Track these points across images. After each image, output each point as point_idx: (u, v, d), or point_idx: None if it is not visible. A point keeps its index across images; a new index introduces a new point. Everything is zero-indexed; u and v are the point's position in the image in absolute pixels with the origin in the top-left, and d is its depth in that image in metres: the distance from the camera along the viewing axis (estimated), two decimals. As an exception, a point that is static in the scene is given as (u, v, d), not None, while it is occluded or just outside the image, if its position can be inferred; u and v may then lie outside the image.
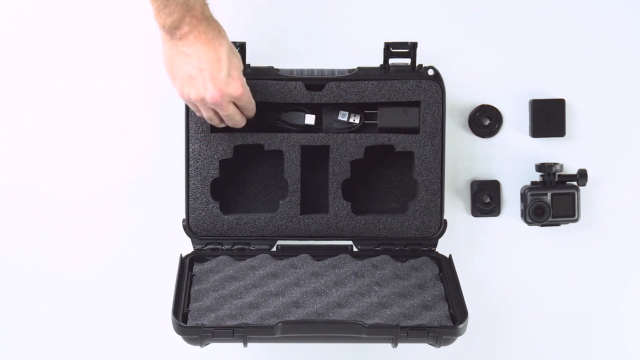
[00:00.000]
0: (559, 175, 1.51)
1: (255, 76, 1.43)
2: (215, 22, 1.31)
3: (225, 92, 1.31)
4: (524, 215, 1.51)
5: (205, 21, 1.29)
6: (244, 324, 1.28)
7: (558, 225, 1.52)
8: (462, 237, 1.53)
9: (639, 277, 1.56)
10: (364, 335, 1.26)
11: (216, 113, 1.36)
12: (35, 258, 1.53)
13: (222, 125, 1.39)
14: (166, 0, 1.26)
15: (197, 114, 1.38)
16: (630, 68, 1.52)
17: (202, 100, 1.32)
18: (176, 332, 1.27)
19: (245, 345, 1.27)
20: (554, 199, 1.50)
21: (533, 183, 1.52)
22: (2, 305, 1.54)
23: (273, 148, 1.44)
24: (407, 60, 1.44)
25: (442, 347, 1.29)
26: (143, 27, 1.49)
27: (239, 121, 1.38)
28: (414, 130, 1.44)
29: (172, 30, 1.29)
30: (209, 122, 1.38)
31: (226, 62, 1.31)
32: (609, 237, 1.54)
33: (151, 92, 1.50)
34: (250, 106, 1.37)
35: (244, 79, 1.34)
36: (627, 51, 1.52)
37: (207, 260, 1.44)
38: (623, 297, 1.56)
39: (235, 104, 1.35)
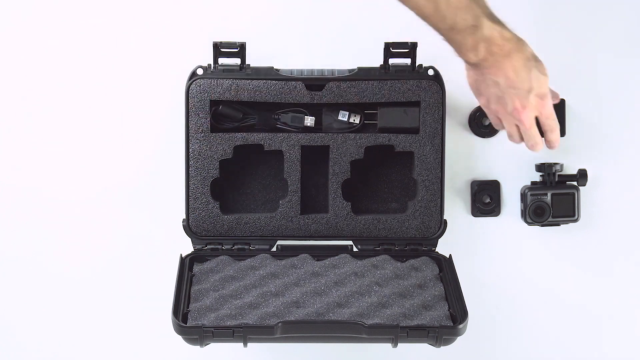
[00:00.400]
0: (559, 175, 1.51)
1: (255, 76, 1.43)
2: (517, 40, 1.31)
3: (531, 107, 1.33)
4: (524, 215, 1.51)
5: (507, 45, 1.30)
6: (244, 324, 1.28)
7: (558, 225, 1.52)
8: (462, 237, 1.53)
9: (639, 276, 1.56)
10: (364, 335, 1.26)
11: (517, 129, 1.36)
12: (36, 258, 1.53)
13: (518, 141, 1.38)
14: (464, 41, 1.27)
15: (496, 127, 1.40)
16: (631, 68, 1.52)
17: (508, 115, 1.34)
18: (176, 332, 1.27)
19: (245, 345, 1.27)
20: (554, 199, 1.50)
21: (533, 183, 1.52)
22: (2, 305, 1.54)
23: (273, 148, 1.44)
24: (407, 60, 1.44)
25: (442, 347, 1.29)
26: (143, 27, 1.49)
27: (538, 142, 1.37)
28: (414, 130, 1.44)
29: (477, 64, 1.31)
30: (508, 137, 1.39)
31: (534, 82, 1.32)
32: (609, 237, 1.54)
33: (151, 93, 1.50)
34: (553, 123, 1.36)
35: (550, 91, 1.35)
36: (627, 51, 1.52)
37: (207, 260, 1.44)
38: (623, 297, 1.56)
39: (537, 122, 1.36)
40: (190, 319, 1.31)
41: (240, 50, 1.44)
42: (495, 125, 1.41)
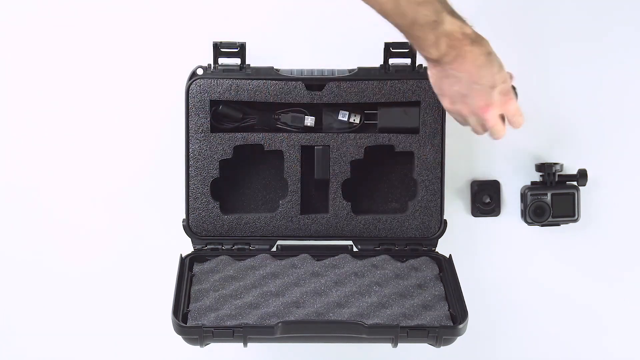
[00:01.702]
0: (559, 175, 1.51)
1: (255, 76, 1.43)
2: (477, 37, 1.31)
3: (495, 105, 1.32)
4: (524, 215, 1.51)
5: (468, 41, 1.28)
6: (244, 324, 1.28)
7: (558, 225, 1.52)
8: (462, 237, 1.53)
9: (639, 276, 1.56)
10: (364, 335, 1.26)
11: (482, 124, 1.35)
12: (36, 258, 1.53)
13: (483, 133, 1.37)
14: (425, 36, 1.26)
15: (462, 124, 1.37)
16: (630, 68, 1.52)
17: (473, 113, 1.32)
18: (176, 332, 1.27)
19: (245, 345, 1.27)
20: (554, 199, 1.50)
21: (533, 183, 1.52)
22: (2, 305, 1.54)
23: (273, 148, 1.44)
24: (407, 60, 1.44)
25: (442, 347, 1.29)
26: (143, 27, 1.49)
27: (501, 131, 1.36)
28: (414, 130, 1.44)
29: (439, 60, 1.29)
30: (473, 131, 1.37)
31: (497, 78, 1.31)
32: (609, 237, 1.54)
33: (151, 93, 1.50)
34: (518, 117, 1.35)
35: (514, 90, 1.34)
36: (627, 51, 1.52)
37: (207, 260, 1.44)
38: (623, 297, 1.56)
39: (502, 117, 1.34)
40: (190, 319, 1.31)
41: (240, 50, 1.44)
42: (460, 123, 1.38)
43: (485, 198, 1.52)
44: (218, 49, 1.44)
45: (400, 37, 1.44)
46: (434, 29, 1.25)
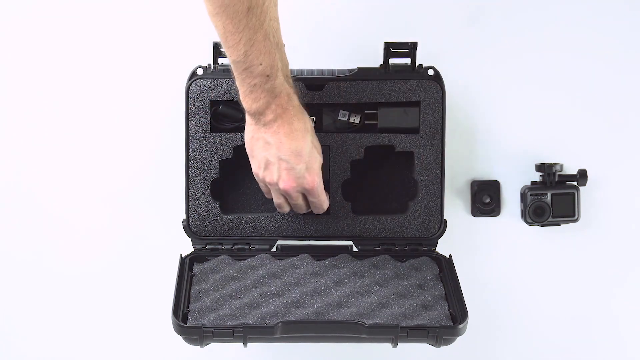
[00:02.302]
0: (559, 175, 1.51)
1: (255, 76, 1.43)
2: (301, 111, 1.31)
3: (298, 184, 1.33)
4: (524, 215, 1.51)
5: (291, 110, 1.29)
6: (244, 324, 1.28)
7: (558, 225, 1.52)
8: (462, 237, 1.53)
9: (639, 277, 1.56)
10: (364, 335, 1.26)
11: (285, 199, 1.37)
12: (36, 258, 1.53)
13: (287, 210, 1.40)
14: (252, 86, 1.26)
15: (267, 195, 1.39)
16: (631, 68, 1.52)
17: (275, 185, 1.34)
18: (176, 332, 1.27)
19: (245, 345, 1.27)
20: (554, 199, 1.50)
21: (533, 183, 1.52)
22: (2, 305, 1.54)
23: (273, 148, 1.44)
24: (407, 60, 1.44)
25: (442, 347, 1.29)
26: (143, 27, 1.49)
27: (304, 209, 1.39)
28: (414, 130, 1.44)
29: (256, 116, 1.29)
30: (276, 206, 1.39)
31: (306, 156, 1.31)
32: (609, 237, 1.54)
33: (151, 93, 1.50)
34: (320, 199, 1.37)
35: (320, 173, 1.35)
36: (627, 51, 1.52)
37: (207, 260, 1.44)
38: (623, 297, 1.56)
39: (305, 196, 1.37)
40: (190, 319, 1.31)
41: (240, 50, 1.44)
42: (265, 193, 1.39)
43: (485, 198, 1.52)
44: (218, 49, 1.43)
45: (400, 37, 1.45)
46: (263, 83, 1.25)
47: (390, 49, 1.44)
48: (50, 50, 1.50)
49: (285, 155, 1.30)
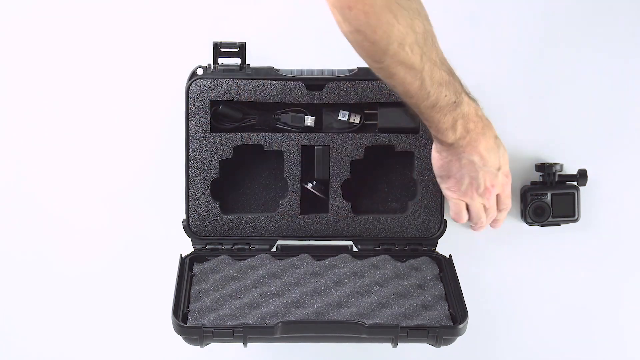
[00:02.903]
0: (559, 175, 1.50)
1: (255, 76, 1.43)
2: (484, 117, 1.32)
3: (496, 184, 1.36)
4: (524, 215, 1.51)
5: (480, 122, 1.30)
6: (244, 324, 1.28)
7: (558, 225, 1.52)
8: (462, 237, 1.53)
9: (639, 277, 1.56)
10: (364, 335, 1.26)
11: (483, 207, 1.38)
12: (35, 258, 1.53)
13: (463, 222, 1.41)
14: (444, 119, 1.26)
15: (457, 215, 1.39)
16: (630, 67, 1.52)
17: (477, 195, 1.36)
18: (176, 332, 1.27)
19: (245, 345, 1.27)
20: (554, 199, 1.50)
21: (533, 183, 1.52)
22: (2, 305, 1.54)
23: (273, 148, 1.44)
24: (407, 60, 1.44)
25: (442, 347, 1.29)
26: (143, 27, 1.49)
27: (485, 225, 1.42)
28: (414, 130, 1.45)
29: (453, 144, 1.30)
30: (455, 217, 1.40)
31: (502, 159, 1.34)
32: (609, 237, 1.54)
33: (151, 93, 1.50)
34: (510, 202, 1.41)
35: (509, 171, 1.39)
36: (627, 50, 1.52)
37: (207, 260, 1.44)
38: (623, 297, 1.56)
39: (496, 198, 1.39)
40: (190, 319, 1.31)
41: (240, 50, 1.44)
42: (455, 214, 1.39)
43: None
44: (218, 49, 1.44)
45: (400, 37, 1.44)
46: (453, 111, 1.26)
47: (390, 49, 1.44)
48: (50, 50, 1.50)
49: (487, 166, 1.33)
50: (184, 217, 1.45)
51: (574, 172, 1.51)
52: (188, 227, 1.45)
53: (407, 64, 1.18)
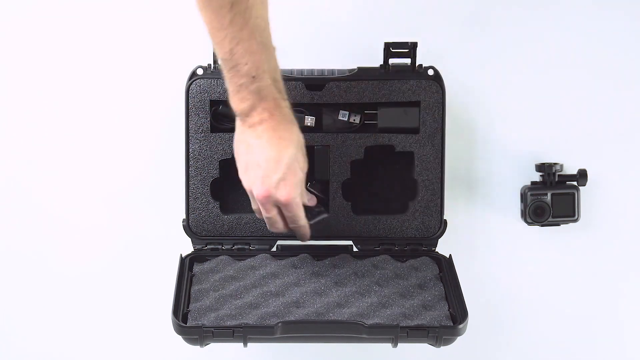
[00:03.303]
0: (559, 175, 1.51)
1: (255, 76, 1.43)
2: (290, 120, 1.27)
3: (271, 194, 1.27)
4: (524, 215, 1.51)
5: (277, 116, 1.25)
6: (244, 324, 1.28)
7: (558, 225, 1.52)
8: (462, 237, 1.53)
9: (639, 277, 1.56)
10: (364, 335, 1.26)
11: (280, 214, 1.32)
12: (35, 258, 1.53)
13: (280, 227, 1.34)
14: (239, 86, 1.23)
15: (253, 207, 1.35)
16: (631, 68, 1.52)
17: (250, 192, 1.30)
18: (176, 332, 1.27)
19: (245, 345, 1.27)
20: (554, 199, 1.50)
21: (533, 183, 1.52)
22: (2, 305, 1.54)
23: (273, 148, 1.44)
24: (407, 60, 1.44)
25: (442, 347, 1.29)
26: (143, 27, 1.49)
27: (280, 228, 1.34)
28: (414, 131, 1.44)
29: (243, 117, 1.26)
30: (256, 214, 1.36)
31: (284, 167, 1.26)
32: (609, 237, 1.54)
33: (151, 93, 1.50)
34: (295, 214, 1.31)
35: (302, 188, 1.30)
36: (627, 51, 1.52)
37: (207, 260, 1.44)
38: (623, 297, 1.56)
39: (280, 210, 1.31)
40: (190, 319, 1.31)
41: (240, 50, 1.44)
42: (252, 205, 1.34)
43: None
44: (218, 49, 1.44)
45: (400, 37, 1.45)
46: (249, 84, 1.22)
47: (390, 49, 1.44)
48: (50, 51, 1.50)
49: (263, 161, 1.26)
50: (184, 217, 1.45)
51: (574, 172, 1.51)
52: (188, 227, 1.45)
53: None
